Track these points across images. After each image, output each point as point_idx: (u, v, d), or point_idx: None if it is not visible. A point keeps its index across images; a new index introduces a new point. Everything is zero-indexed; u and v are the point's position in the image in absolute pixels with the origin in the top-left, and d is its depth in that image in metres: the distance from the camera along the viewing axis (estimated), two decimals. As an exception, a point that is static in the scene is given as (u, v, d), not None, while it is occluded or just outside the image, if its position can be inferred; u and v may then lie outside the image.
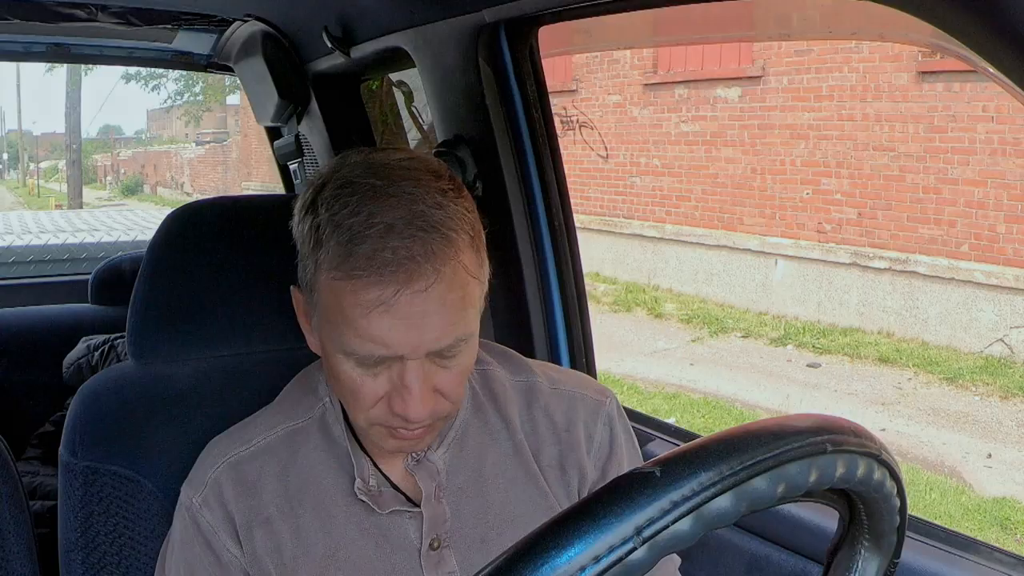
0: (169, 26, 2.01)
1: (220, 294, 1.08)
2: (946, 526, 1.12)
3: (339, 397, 0.88)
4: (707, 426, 5.13)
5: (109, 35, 2.10)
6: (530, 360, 1.03)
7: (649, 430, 1.46)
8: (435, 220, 0.78)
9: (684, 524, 0.44)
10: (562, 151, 1.51)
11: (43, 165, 33.99)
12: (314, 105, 2.05)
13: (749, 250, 7.73)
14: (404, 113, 2.59)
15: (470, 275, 0.80)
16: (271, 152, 2.38)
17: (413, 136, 2.63)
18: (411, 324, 0.77)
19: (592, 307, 1.73)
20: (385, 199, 0.78)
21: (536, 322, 1.51)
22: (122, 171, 28.88)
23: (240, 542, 0.89)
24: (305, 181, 0.85)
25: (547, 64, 1.48)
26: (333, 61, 1.84)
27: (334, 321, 0.80)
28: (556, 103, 7.04)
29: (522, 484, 0.93)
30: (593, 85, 9.23)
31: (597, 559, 0.42)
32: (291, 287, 0.89)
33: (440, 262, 0.77)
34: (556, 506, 0.93)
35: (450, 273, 0.78)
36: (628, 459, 0.98)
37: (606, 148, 9.10)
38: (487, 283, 0.85)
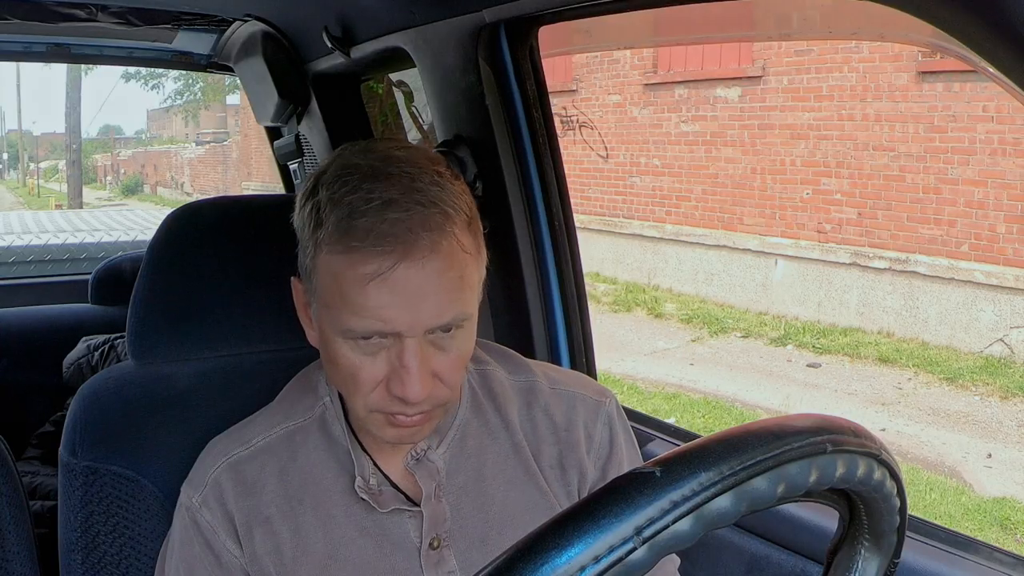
0: (169, 26, 2.01)
1: (220, 294, 1.08)
2: (946, 526, 1.12)
3: (338, 385, 0.87)
4: (707, 426, 5.13)
5: (109, 35, 2.10)
6: (530, 360, 1.03)
7: (649, 430, 1.46)
8: (433, 196, 0.79)
9: (684, 524, 0.44)
10: (562, 151, 1.51)
11: (43, 165, 33.99)
12: (314, 105, 2.05)
13: (749, 250, 7.73)
14: (404, 113, 2.59)
15: (467, 254, 0.81)
16: (271, 152, 2.38)
17: (413, 136, 2.63)
18: (408, 299, 0.77)
19: (592, 307, 1.73)
20: (385, 178, 0.79)
21: (536, 322, 1.51)
22: (122, 171, 28.88)
23: (240, 542, 0.89)
24: (305, 181, 0.86)
25: (547, 64, 1.48)
26: (333, 61, 1.84)
27: (332, 303, 0.80)
28: (556, 103, 7.04)
29: (522, 484, 0.93)
30: (593, 85, 9.23)
31: (597, 559, 0.42)
32: (291, 278, 0.89)
33: (438, 235, 0.78)
34: (556, 506, 0.93)
35: (447, 248, 0.78)
36: (628, 459, 0.98)
37: (606, 148, 9.10)
38: (485, 271, 0.86)
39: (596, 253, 8.82)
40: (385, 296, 0.77)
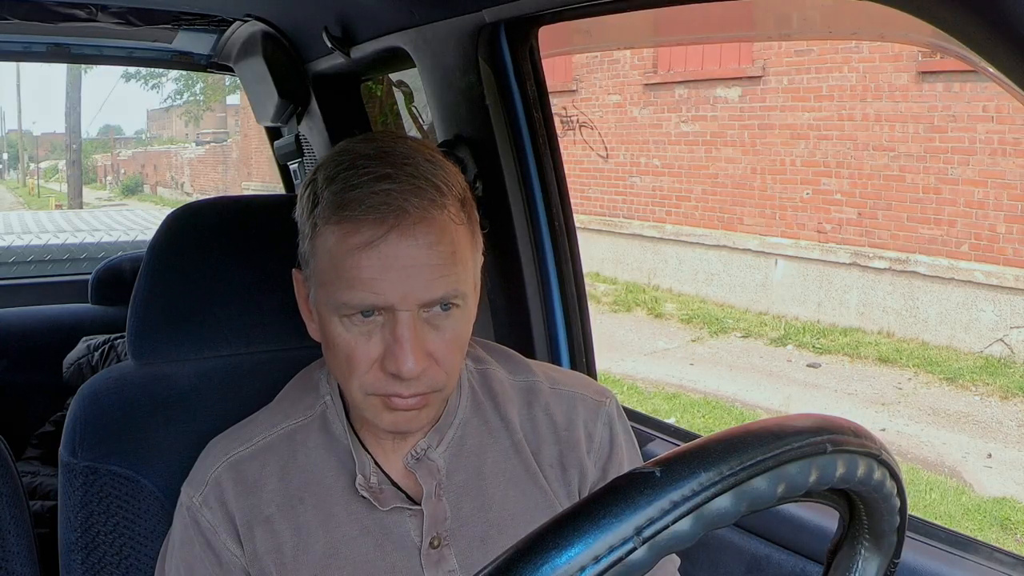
0: (169, 26, 2.01)
1: (220, 294, 1.08)
2: (946, 526, 1.12)
3: (335, 371, 0.87)
4: (707, 426, 5.13)
5: (109, 35, 2.10)
6: (530, 360, 1.03)
7: (649, 430, 1.46)
8: (426, 171, 0.80)
9: (684, 524, 0.44)
10: (562, 151, 1.51)
11: (43, 165, 34.00)
12: (314, 105, 2.05)
13: (749, 250, 7.73)
14: (404, 113, 2.60)
15: (460, 226, 0.82)
16: (271, 152, 2.38)
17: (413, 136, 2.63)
18: (401, 271, 0.78)
19: (592, 307, 1.73)
20: (381, 156, 0.81)
21: (536, 322, 1.51)
22: (122, 171, 28.87)
23: (241, 541, 0.89)
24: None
25: (547, 64, 1.48)
26: (333, 61, 1.84)
27: (327, 280, 0.81)
28: (556, 103, 7.04)
29: (522, 483, 0.93)
30: (593, 85, 9.23)
31: (597, 559, 0.42)
32: (293, 270, 0.90)
33: (429, 205, 0.79)
34: (556, 505, 0.93)
35: (440, 220, 0.80)
36: (628, 459, 0.98)
37: (606, 148, 9.10)
38: (481, 257, 0.87)
39: (596, 253, 8.82)
40: (377, 267, 0.78)
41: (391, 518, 0.89)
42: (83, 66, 17.94)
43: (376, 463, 0.91)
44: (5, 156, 37.54)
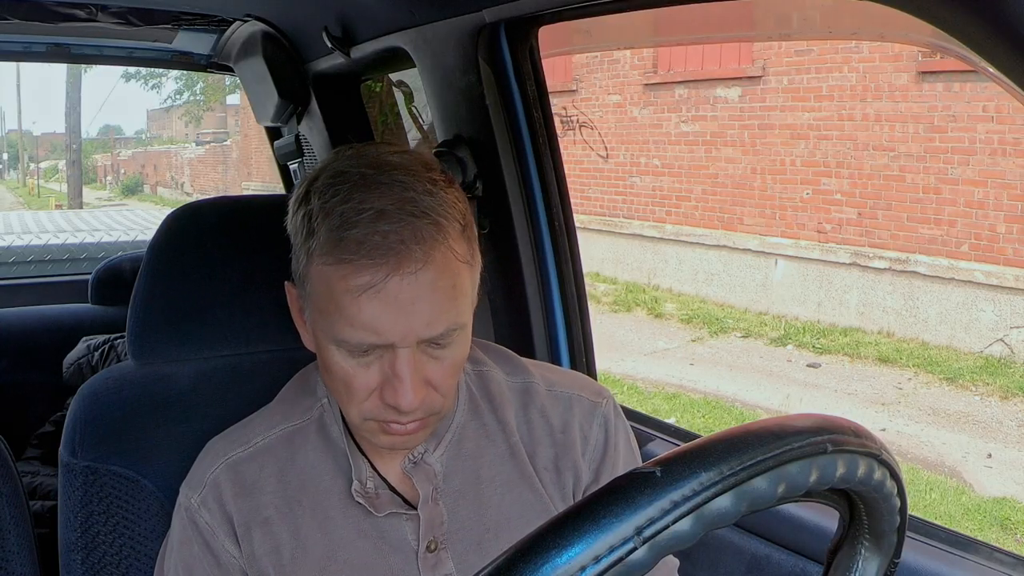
0: (169, 26, 2.01)
1: (220, 294, 1.08)
2: (946, 526, 1.12)
3: (332, 391, 0.87)
4: (707, 426, 5.13)
5: (109, 35, 2.10)
6: (527, 361, 1.03)
7: (649, 430, 1.46)
8: (425, 206, 0.78)
9: (684, 524, 0.44)
10: (562, 151, 1.51)
11: (43, 165, 34.00)
12: (314, 105, 2.05)
13: (749, 250, 7.73)
14: (404, 113, 2.60)
15: (461, 262, 0.80)
16: (271, 152, 2.38)
17: (413, 136, 2.63)
18: (401, 310, 0.77)
19: (592, 307, 1.73)
20: (376, 187, 0.78)
21: (536, 322, 1.51)
22: (122, 171, 28.87)
23: (239, 543, 0.89)
24: (298, 185, 0.85)
25: (547, 64, 1.48)
26: (333, 61, 1.84)
27: (325, 310, 0.80)
28: (556, 103, 7.04)
29: (518, 486, 0.93)
30: (593, 85, 9.23)
31: (597, 559, 0.42)
32: (285, 283, 0.89)
33: (430, 247, 0.77)
34: (551, 508, 0.93)
35: (440, 258, 0.78)
36: (624, 460, 0.98)
37: (606, 148, 9.10)
38: (479, 275, 0.85)
39: (596, 253, 8.82)
40: (377, 307, 0.77)
41: (388, 522, 0.89)
42: (83, 66, 17.95)
43: (373, 467, 0.91)
44: (5, 156, 37.55)
